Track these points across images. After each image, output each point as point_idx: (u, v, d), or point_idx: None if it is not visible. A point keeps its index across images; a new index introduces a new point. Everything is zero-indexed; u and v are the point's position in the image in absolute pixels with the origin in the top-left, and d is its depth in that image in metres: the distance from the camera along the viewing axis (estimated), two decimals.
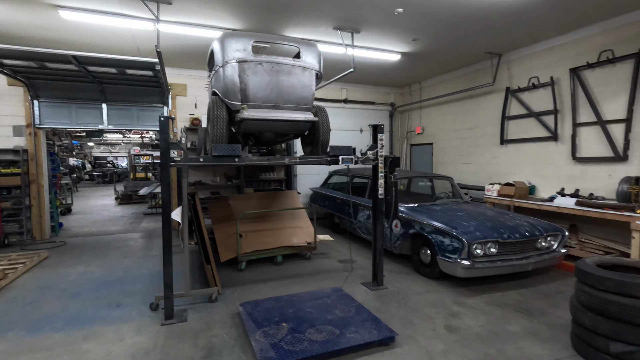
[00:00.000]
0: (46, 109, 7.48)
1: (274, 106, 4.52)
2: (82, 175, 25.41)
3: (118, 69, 6.30)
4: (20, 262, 5.65)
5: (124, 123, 8.00)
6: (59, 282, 4.98)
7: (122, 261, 6.01)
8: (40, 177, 7.56)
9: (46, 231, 7.70)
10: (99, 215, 10.98)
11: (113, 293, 4.60)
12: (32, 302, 4.30)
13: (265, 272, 5.39)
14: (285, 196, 6.58)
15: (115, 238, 7.81)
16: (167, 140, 3.66)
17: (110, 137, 24.71)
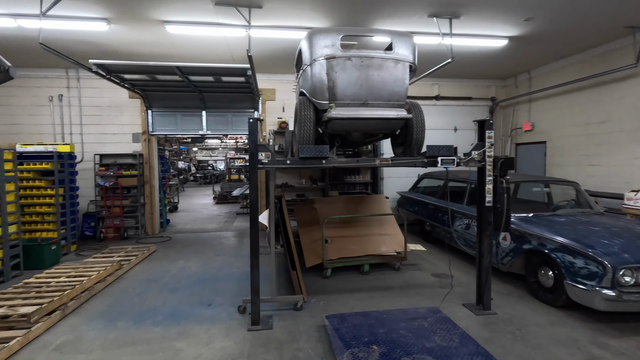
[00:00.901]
0: (157, 118, 8.37)
1: (363, 104, 4.18)
2: (188, 177, 28.65)
3: (215, 77, 6.68)
4: (134, 254, 6.31)
5: (220, 128, 8.54)
6: (162, 276, 5.38)
7: (216, 259, 6.31)
8: (152, 179, 8.49)
9: (156, 227, 8.61)
10: (199, 213, 12.02)
11: (206, 291, 4.77)
12: (139, 294, 4.68)
13: (351, 282, 5.06)
14: (373, 201, 6.17)
15: (211, 236, 8.35)
16: (255, 142, 3.59)
17: (210, 142, 27.35)
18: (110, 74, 6.30)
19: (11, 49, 6.59)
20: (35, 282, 4.60)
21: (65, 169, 6.73)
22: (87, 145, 8.28)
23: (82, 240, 7.87)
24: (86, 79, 8.15)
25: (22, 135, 8.00)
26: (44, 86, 8.10)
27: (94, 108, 8.26)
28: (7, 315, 3.54)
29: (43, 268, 5.67)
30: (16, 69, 1.45)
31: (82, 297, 4.33)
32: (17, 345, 3.24)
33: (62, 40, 6.15)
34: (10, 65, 1.44)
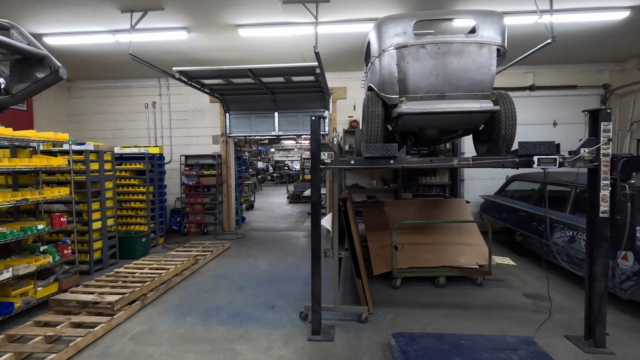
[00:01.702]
0: (234, 120, 8.78)
1: (439, 96, 3.68)
2: (266, 176, 30.14)
3: (285, 77, 6.70)
4: (210, 249, 6.65)
5: (291, 129, 8.62)
6: (232, 273, 5.53)
7: (284, 259, 6.31)
8: (229, 178, 8.93)
9: (232, 224, 9.04)
10: (273, 212, 12.40)
11: (271, 292, 4.73)
12: (210, 290, 4.84)
13: (423, 295, 4.56)
14: (451, 205, 5.54)
15: (282, 235, 8.47)
16: (317, 142, 3.38)
17: (286, 143, 28.41)
18: (191, 80, 6.73)
19: (114, 63, 7.49)
20: (124, 272, 5.06)
21: (155, 168, 7.41)
22: (175, 147, 9.05)
23: (169, 233, 8.62)
24: (174, 86, 8.91)
25: (124, 139, 9.07)
26: (141, 95, 9.09)
27: (180, 113, 9.00)
28: (96, 301, 3.90)
29: (134, 258, 6.28)
30: (65, 70, 1.41)
31: (160, 289, 4.62)
32: (101, 331, 3.53)
33: (151, 51, 6.75)
34: (61, 66, 1.41)
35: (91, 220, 5.53)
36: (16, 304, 3.82)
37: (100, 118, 9.24)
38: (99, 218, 5.72)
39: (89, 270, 5.54)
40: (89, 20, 5.42)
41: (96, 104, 9.22)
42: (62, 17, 5.31)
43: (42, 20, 5.41)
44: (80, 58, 7.25)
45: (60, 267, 4.54)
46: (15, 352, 3.05)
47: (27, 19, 5.39)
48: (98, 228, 5.70)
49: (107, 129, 9.21)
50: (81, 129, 9.29)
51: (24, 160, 3.99)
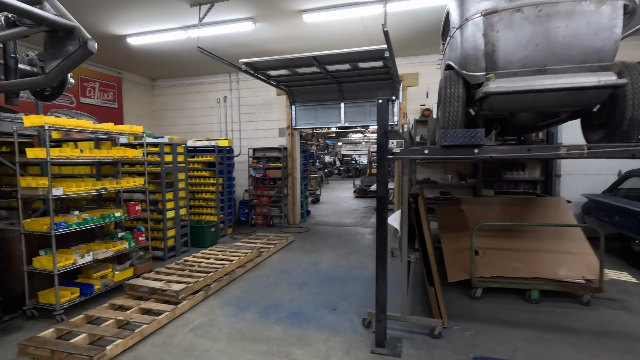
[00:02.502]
0: (300, 112, 8.66)
1: (539, 70, 2.99)
2: (333, 170, 30.13)
3: (351, 64, 6.31)
4: (274, 242, 6.61)
5: (358, 119, 8.20)
6: (294, 269, 5.37)
7: (348, 257, 5.98)
8: (294, 171, 8.87)
9: (297, 217, 8.99)
10: (338, 206, 12.16)
11: (333, 292, 4.44)
12: (271, 284, 4.73)
13: (511, 310, 3.86)
14: (547, 205, 4.64)
15: (347, 231, 8.15)
16: (384, 128, 2.95)
17: (353, 136, 27.98)
18: (258, 71, 6.71)
19: (188, 61, 7.84)
20: (192, 261, 5.21)
21: (224, 161, 7.62)
22: (244, 141, 9.27)
23: (238, 224, 8.88)
24: (243, 80, 9.10)
25: (199, 133, 9.56)
26: (213, 90, 9.47)
27: (249, 107, 9.17)
28: (164, 289, 4.00)
29: (204, 247, 6.51)
30: (95, 42, 1.22)
31: (223, 280, 4.63)
32: (165, 319, 3.58)
33: (220, 46, 6.87)
34: (90, 38, 1.24)
35: (165, 209, 5.82)
36: (96, 286, 4.09)
37: (178, 114, 9.86)
38: (173, 207, 6.00)
39: (163, 256, 5.85)
40: (163, 16, 5.65)
41: (175, 100, 9.85)
42: (140, 16, 5.60)
43: (124, 21, 5.78)
44: (160, 58, 7.72)
45: (136, 253, 4.80)
46: (89, 333, 3.20)
47: (111, 22, 5.81)
48: (171, 217, 5.98)
49: (184, 124, 9.79)
50: (163, 124, 10.03)
51: (103, 151, 4.24)
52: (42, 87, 1.47)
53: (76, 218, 3.90)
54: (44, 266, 3.66)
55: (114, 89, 8.75)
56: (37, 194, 3.64)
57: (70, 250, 3.99)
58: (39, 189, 3.62)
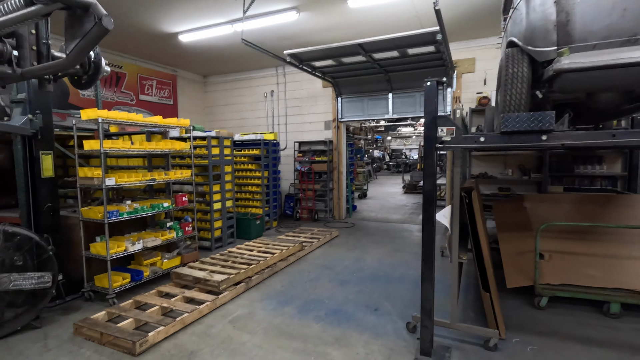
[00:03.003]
0: (346, 104, 8.43)
1: (627, 41, 2.48)
2: (382, 165, 29.44)
3: (400, 51, 5.94)
4: (318, 237, 6.51)
5: (407, 110, 7.78)
6: (337, 264, 5.21)
7: (393, 255, 5.68)
8: (340, 165, 8.69)
9: (343, 212, 8.81)
10: (386, 202, 11.76)
11: (376, 291, 4.21)
12: (312, 280, 4.61)
13: (583, 324, 3.33)
14: (631, 204, 3.96)
15: (393, 227, 7.81)
16: (432, 113, 2.64)
17: (404, 130, 27.04)
18: (302, 63, 6.61)
19: (236, 56, 7.98)
20: (235, 252, 5.27)
21: (269, 154, 7.66)
22: (290, 134, 9.27)
23: (283, 218, 8.93)
24: (290, 74, 9.07)
25: (247, 127, 9.75)
26: (261, 85, 9.57)
27: (295, 100, 9.13)
28: (207, 279, 4.06)
29: (249, 239, 6.60)
30: (111, 19, 1.13)
31: (264, 273, 4.61)
32: (206, 309, 3.61)
33: (266, 40, 6.86)
34: (105, 14, 1.15)
35: (212, 201, 5.97)
36: (145, 272, 4.28)
37: (228, 109, 10.14)
38: (219, 199, 6.14)
39: (210, 246, 6.02)
40: (210, 11, 5.74)
41: (225, 96, 10.14)
42: (189, 12, 5.75)
43: (175, 18, 5.98)
44: (209, 54, 7.94)
45: (183, 242, 4.96)
46: (135, 318, 3.32)
47: (164, 20, 6.04)
48: (218, 209, 6.13)
49: (234, 119, 10.04)
50: (214, 119, 10.39)
51: (152, 143, 4.40)
52: (65, 70, 1.45)
53: (128, 207, 4.09)
54: (99, 252, 3.89)
55: (170, 86, 9.21)
56: (93, 183, 3.86)
57: (123, 237, 4.20)
58: (94, 179, 3.83)
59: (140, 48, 7.57)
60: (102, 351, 2.98)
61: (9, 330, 3.23)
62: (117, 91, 7.91)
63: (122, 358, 2.88)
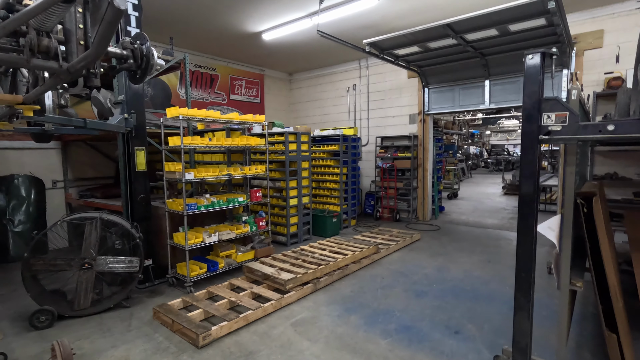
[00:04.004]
0: (434, 95, 7.67)
1: None
2: (479, 162, 26.74)
3: (500, 27, 5.07)
4: (396, 239, 6.03)
5: (508, 99, 6.69)
6: (414, 272, 4.70)
7: (484, 266, 4.90)
8: (425, 162, 7.97)
9: (427, 213, 8.09)
10: (480, 203, 10.50)
11: (458, 308, 3.62)
12: (385, 287, 4.21)
13: None
14: None
15: (487, 233, 6.83)
16: (534, 95, 2.03)
17: (506, 124, 24.04)
18: (383, 52, 6.16)
19: (320, 51, 7.89)
20: (307, 250, 5.16)
21: (349, 150, 7.41)
22: (372, 129, 8.87)
23: (363, 216, 8.61)
24: (373, 66, 8.66)
25: (329, 123, 9.67)
26: (344, 79, 9.37)
27: (378, 93, 8.69)
28: (275, 276, 4.01)
29: (325, 236, 6.48)
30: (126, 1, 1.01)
31: (334, 275, 4.38)
32: (270, 308, 3.54)
33: (346, 30, 6.59)
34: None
35: (288, 196, 5.98)
36: (220, 264, 4.43)
37: (311, 105, 10.20)
38: (296, 195, 6.13)
39: (286, 242, 6.06)
40: (289, 6, 5.70)
41: (309, 92, 10.22)
42: (270, 9, 5.81)
43: (258, 17, 6.12)
44: (292, 50, 8.03)
45: (258, 236, 5.04)
46: (204, 309, 3.41)
47: (248, 20, 6.24)
48: (294, 204, 6.12)
49: (316, 115, 10.06)
50: (298, 115, 10.57)
51: (228, 139, 4.53)
52: (93, 60, 1.39)
53: (206, 200, 4.28)
54: (179, 241, 4.14)
55: (257, 85, 9.64)
56: (175, 177, 4.12)
57: (201, 229, 4.42)
58: (176, 173, 4.09)
59: (230, 50, 8.02)
60: (171, 338, 3.11)
61: (104, 306, 3.63)
62: (211, 92, 8.55)
63: (187, 348, 2.96)
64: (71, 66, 1.47)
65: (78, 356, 2.80)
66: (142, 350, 2.93)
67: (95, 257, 3.53)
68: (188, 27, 6.50)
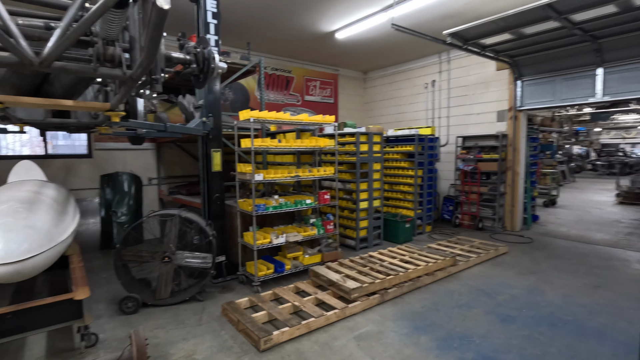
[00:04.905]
0: (528, 88, 6.72)
1: None
2: (584, 165, 23.12)
3: (619, 3, 4.17)
4: (478, 251, 5.41)
5: (627, 90, 5.52)
6: (499, 292, 4.11)
7: (592, 292, 4.07)
8: (516, 164, 7.04)
9: (517, 222, 7.13)
10: (586, 213, 8.94)
11: (555, 342, 3.02)
12: (462, 306, 3.75)
13: None
14: None
15: (595, 251, 5.73)
16: None
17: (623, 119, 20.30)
18: (467, 42, 5.57)
19: (397, 46, 7.51)
20: (376, 257, 4.89)
21: (425, 151, 6.90)
22: (452, 128, 8.16)
23: (440, 222, 7.97)
24: (455, 59, 7.96)
25: (404, 122, 9.18)
26: (421, 75, 8.79)
27: (460, 89, 7.96)
28: (340, 283, 3.85)
29: (397, 242, 6.12)
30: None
31: (404, 287, 4.05)
32: (333, 317, 3.40)
33: (423, 20, 6.11)
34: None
35: (359, 199, 5.77)
36: (287, 266, 4.43)
37: (385, 104, 9.81)
38: (366, 198, 5.89)
39: (355, 246, 5.87)
40: (362, 1, 5.48)
41: (384, 90, 9.84)
42: (343, 7, 5.66)
43: (332, 15, 6.02)
44: (368, 48, 7.78)
45: (325, 240, 4.94)
46: (268, 312, 3.41)
47: (322, 20, 6.18)
48: (364, 208, 5.89)
49: (391, 114, 9.64)
50: (372, 115, 10.27)
51: (297, 141, 4.51)
52: (147, 66, 1.38)
53: (274, 202, 4.31)
54: (249, 241, 4.24)
55: (331, 86, 9.60)
56: (246, 178, 4.22)
57: (270, 229, 4.47)
58: (247, 174, 4.19)
59: (305, 51, 8.10)
60: (236, 338, 3.16)
61: (181, 298, 3.87)
62: (287, 93, 8.76)
63: (249, 350, 2.96)
64: (133, 73, 1.49)
65: (153, 345, 2.99)
66: (208, 346, 3.03)
67: (174, 252, 3.78)
68: (265, 31, 6.71)
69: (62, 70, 1.51)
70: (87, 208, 6.36)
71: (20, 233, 2.47)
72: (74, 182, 6.27)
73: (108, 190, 6.08)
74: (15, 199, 2.87)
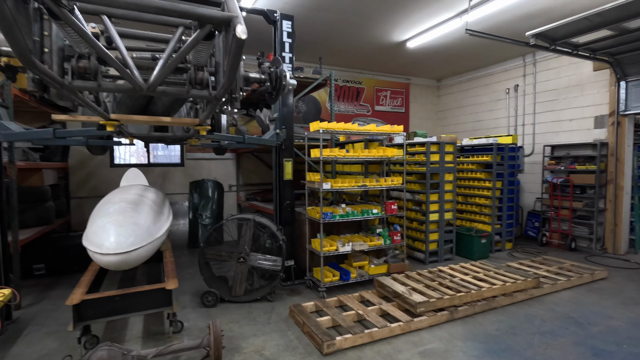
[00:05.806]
0: (635, 90, 5.85)
1: None
2: None
3: None
4: (568, 274, 4.81)
5: None
6: (593, 322, 3.60)
7: None
8: (619, 177, 6.12)
9: (620, 244, 6.16)
10: None
11: None
12: (545, 333, 3.38)
13: None
14: None
15: None
16: None
17: None
18: (556, 43, 5.08)
19: (473, 51, 7.16)
20: (446, 272, 4.66)
21: (505, 161, 6.39)
22: (538, 136, 7.44)
23: (523, 239, 7.27)
24: (542, 61, 7.29)
25: (482, 130, 8.62)
26: (502, 80, 8.21)
27: (548, 93, 7.24)
28: (405, 296, 3.77)
29: (471, 258, 5.75)
30: (244, 28, 1.15)
31: (476, 306, 3.79)
32: (397, 330, 3.33)
33: (502, 22, 5.74)
34: (238, 19, 1.16)
35: (428, 211, 5.58)
36: (352, 274, 4.47)
37: (461, 112, 9.34)
38: (437, 210, 5.66)
39: (424, 259, 5.66)
40: (435, 9, 5.38)
41: (459, 98, 9.39)
42: (415, 16, 5.63)
43: (404, 25, 6.03)
44: (441, 56, 7.55)
45: (392, 251, 4.87)
46: (332, 317, 3.49)
47: (393, 30, 6.21)
48: (435, 220, 5.66)
49: (468, 122, 9.14)
50: (446, 123, 9.85)
51: (365, 151, 4.56)
52: (228, 87, 1.58)
53: (341, 210, 4.41)
54: (316, 247, 4.39)
55: (402, 95, 9.48)
56: (315, 186, 4.40)
57: (336, 237, 4.58)
58: (315, 183, 4.37)
59: (376, 62, 8.16)
60: (301, 339, 3.30)
61: (253, 297, 4.17)
62: (357, 104, 8.89)
63: (312, 352, 3.07)
64: (217, 93, 1.73)
65: (227, 337, 3.28)
66: (275, 344, 3.21)
67: (248, 253, 4.10)
68: (336, 46, 6.95)
69: (163, 93, 1.82)
70: (178, 210, 7.21)
71: (128, 228, 2.94)
72: (168, 187, 7.17)
73: (195, 195, 6.83)
74: (125, 200, 3.43)
